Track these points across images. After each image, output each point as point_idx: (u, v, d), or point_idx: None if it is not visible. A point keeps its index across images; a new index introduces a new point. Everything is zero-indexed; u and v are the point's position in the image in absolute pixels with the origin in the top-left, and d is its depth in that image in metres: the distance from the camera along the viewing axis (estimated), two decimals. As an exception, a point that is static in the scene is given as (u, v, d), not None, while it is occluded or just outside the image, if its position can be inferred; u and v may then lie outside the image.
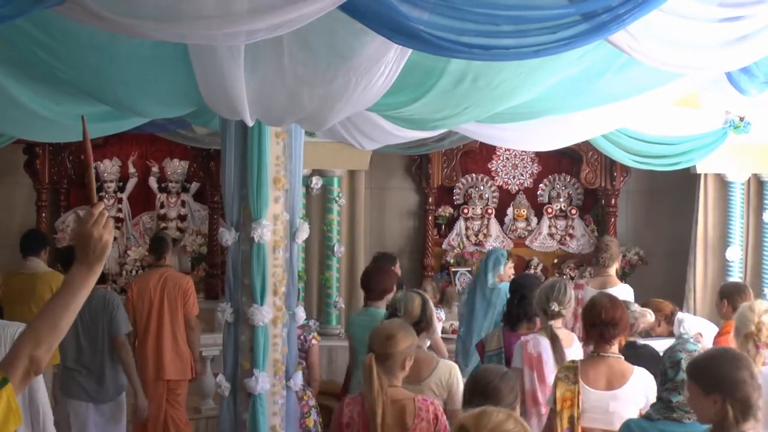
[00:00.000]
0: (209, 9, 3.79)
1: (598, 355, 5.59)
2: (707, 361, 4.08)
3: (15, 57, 5.10)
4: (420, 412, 4.87)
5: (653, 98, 6.34)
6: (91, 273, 3.12)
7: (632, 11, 3.98)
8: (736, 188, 11.19)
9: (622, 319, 5.64)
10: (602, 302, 5.67)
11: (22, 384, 3.07)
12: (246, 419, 6.29)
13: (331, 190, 11.33)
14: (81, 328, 7.50)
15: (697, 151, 10.21)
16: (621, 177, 12.09)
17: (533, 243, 12.47)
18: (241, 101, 5.35)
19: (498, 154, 12.59)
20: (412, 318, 6.00)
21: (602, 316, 5.56)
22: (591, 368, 5.53)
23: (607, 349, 5.57)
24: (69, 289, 3.12)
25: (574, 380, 5.46)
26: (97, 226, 3.09)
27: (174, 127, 9.31)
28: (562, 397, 5.46)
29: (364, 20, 4.03)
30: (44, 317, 3.10)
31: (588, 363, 5.59)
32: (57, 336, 3.09)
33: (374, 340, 5.03)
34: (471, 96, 5.52)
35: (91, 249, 3.09)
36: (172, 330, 8.73)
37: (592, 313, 5.62)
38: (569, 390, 5.46)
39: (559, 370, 5.58)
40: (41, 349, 3.06)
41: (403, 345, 4.99)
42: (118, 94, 5.61)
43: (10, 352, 3.08)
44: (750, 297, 7.21)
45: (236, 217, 6.36)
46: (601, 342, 5.58)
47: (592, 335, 5.61)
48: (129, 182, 12.48)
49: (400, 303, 6.16)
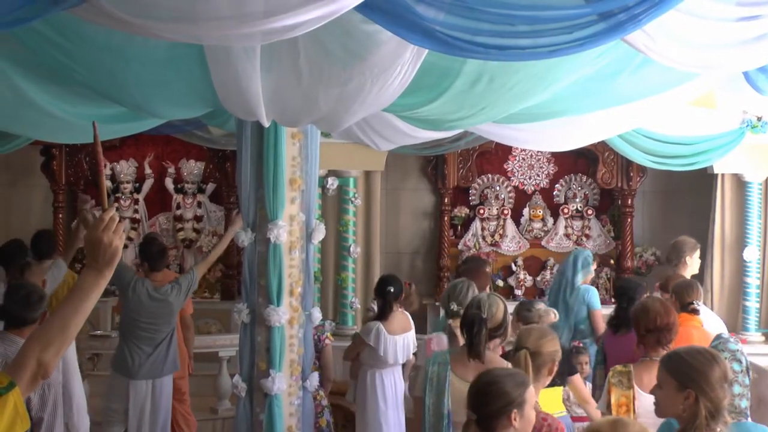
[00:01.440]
0: (224, 10, 3.78)
1: (651, 359, 5.53)
2: (687, 357, 4.07)
3: (32, 59, 5.13)
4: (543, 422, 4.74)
5: (669, 98, 6.32)
6: (100, 278, 3.12)
7: (649, 11, 3.96)
8: (753, 188, 11.14)
9: (676, 323, 5.66)
10: (656, 307, 5.67)
11: (30, 388, 3.07)
12: (262, 420, 6.30)
13: (346, 191, 11.34)
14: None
15: (714, 151, 10.16)
16: (637, 177, 12.05)
17: (549, 243, 12.44)
18: (256, 102, 5.35)
19: (514, 154, 12.56)
20: (495, 322, 5.74)
21: (657, 322, 5.57)
22: (645, 373, 5.44)
23: (661, 353, 5.50)
24: (78, 293, 3.11)
25: (629, 385, 5.41)
26: (108, 231, 3.08)
27: (190, 128, 9.34)
28: (617, 402, 5.38)
29: (380, 21, 4.02)
30: (53, 321, 3.10)
31: (642, 367, 5.51)
32: (65, 340, 3.08)
33: (529, 337, 5.04)
34: (487, 96, 5.51)
35: (101, 254, 3.09)
36: None
37: (648, 318, 5.61)
38: (624, 395, 5.40)
39: (612, 375, 5.49)
40: (49, 353, 3.05)
41: (553, 347, 5.05)
42: (134, 96, 5.62)
43: (18, 356, 3.08)
44: (699, 295, 7.23)
45: (252, 217, 6.37)
46: (657, 347, 5.56)
47: (649, 340, 5.59)
48: (145, 183, 12.52)
49: (484, 305, 5.76)
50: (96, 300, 3.13)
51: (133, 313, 7.98)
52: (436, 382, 5.69)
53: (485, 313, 5.67)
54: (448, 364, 5.62)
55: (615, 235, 12.32)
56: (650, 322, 5.59)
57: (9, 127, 7.22)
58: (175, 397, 8.76)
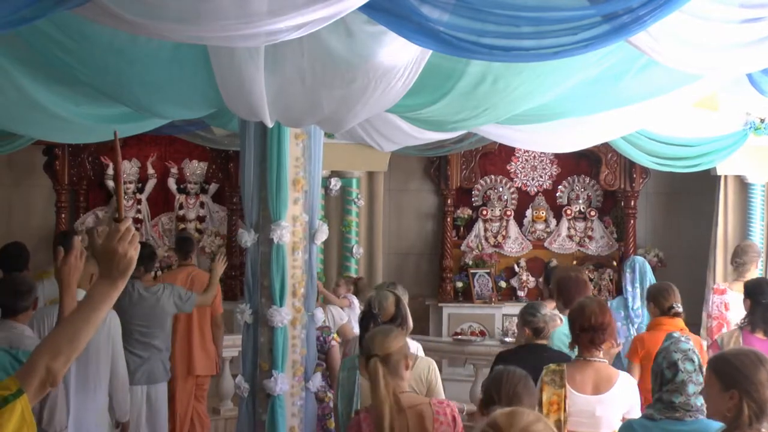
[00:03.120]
0: (227, 11, 3.78)
1: (585, 359, 5.54)
2: (732, 358, 4.09)
3: (35, 59, 5.13)
4: (438, 415, 4.83)
5: (673, 100, 6.32)
6: (113, 288, 3.10)
7: (653, 12, 3.96)
8: (756, 190, 11.15)
9: (611, 324, 5.62)
10: (591, 307, 5.62)
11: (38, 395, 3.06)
12: (265, 420, 6.30)
13: (349, 192, 11.35)
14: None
15: (717, 152, 10.15)
16: (640, 179, 12.05)
17: (552, 245, 12.44)
18: (260, 103, 5.36)
19: (517, 155, 12.57)
20: (387, 315, 6.05)
21: (592, 321, 5.51)
22: (578, 372, 5.48)
23: (594, 353, 5.53)
24: (90, 303, 3.10)
25: (561, 384, 5.42)
26: (123, 242, 3.07)
27: (193, 128, 9.35)
28: (548, 400, 5.39)
29: (384, 22, 4.02)
30: (64, 329, 3.10)
31: (574, 367, 5.52)
32: (75, 349, 3.07)
33: (373, 343, 4.93)
34: (491, 98, 5.51)
35: (115, 265, 3.07)
36: (200, 327, 9.01)
37: (582, 317, 5.58)
38: (555, 393, 5.41)
39: (544, 374, 5.51)
40: (59, 362, 3.04)
41: (398, 344, 4.94)
42: (137, 96, 5.62)
43: (27, 363, 3.07)
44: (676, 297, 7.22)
45: (255, 218, 6.37)
46: (590, 347, 5.54)
47: (582, 340, 5.58)
48: (148, 183, 12.51)
49: (375, 301, 6.17)
50: (107, 310, 3.12)
51: (126, 315, 7.93)
52: (347, 386, 5.90)
53: (376, 309, 6.03)
54: (356, 368, 5.69)
55: (618, 236, 12.33)
56: (585, 320, 5.55)
57: (12, 126, 7.22)
58: (196, 395, 9.01)
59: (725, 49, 4.67)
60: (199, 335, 9.02)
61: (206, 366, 9.10)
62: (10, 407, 2.96)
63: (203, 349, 9.04)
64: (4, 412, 2.95)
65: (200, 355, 9.02)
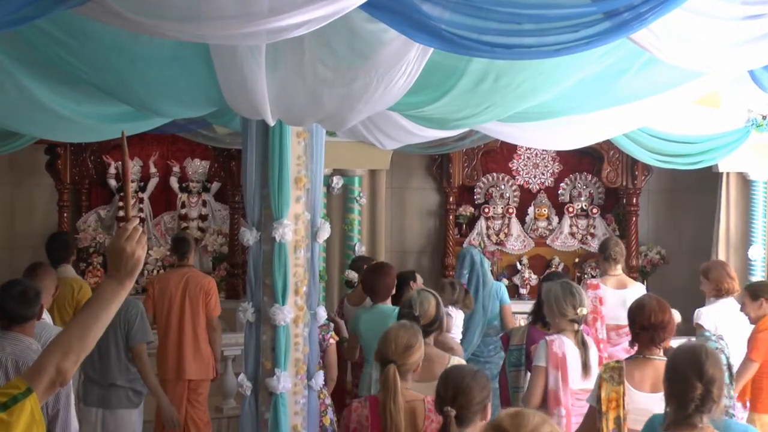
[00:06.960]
0: (229, 9, 3.79)
1: (644, 357, 5.52)
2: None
3: (37, 58, 5.13)
4: (430, 413, 4.84)
5: (674, 97, 6.32)
6: (121, 288, 3.12)
7: (654, 9, 3.96)
8: (758, 187, 11.14)
9: (671, 321, 5.61)
10: (651, 305, 5.59)
11: (47, 394, 3.07)
12: (268, 419, 6.30)
13: (352, 190, 11.35)
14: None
15: (719, 149, 10.14)
16: (642, 176, 12.03)
17: (554, 242, 12.44)
18: (262, 101, 5.36)
19: (519, 153, 12.56)
20: (428, 318, 5.90)
21: (652, 319, 5.50)
22: (637, 370, 5.45)
23: (654, 351, 5.50)
24: (99, 302, 3.12)
25: (619, 381, 5.40)
26: (131, 241, 3.09)
27: (195, 127, 9.33)
28: (607, 397, 5.37)
29: (386, 19, 4.03)
30: (73, 329, 3.11)
31: (633, 364, 5.49)
32: (84, 348, 3.09)
33: (393, 350, 4.91)
34: (492, 95, 5.51)
35: (123, 264, 3.09)
36: (193, 330, 8.66)
37: (642, 315, 5.56)
38: (614, 390, 5.39)
39: (603, 371, 5.48)
40: (69, 361, 3.06)
41: (420, 353, 4.98)
42: (139, 95, 5.63)
43: (37, 362, 3.08)
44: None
45: (257, 216, 6.37)
46: (650, 345, 5.53)
47: (642, 338, 5.56)
48: (150, 182, 12.51)
49: (416, 303, 5.97)
50: (116, 309, 3.14)
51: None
52: None
53: (417, 311, 5.88)
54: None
55: (620, 233, 12.30)
56: (645, 319, 5.54)
57: (14, 125, 7.22)
58: (189, 400, 8.68)
59: (727, 46, 4.68)
60: (192, 338, 8.64)
61: (199, 370, 8.70)
62: (20, 406, 2.97)
63: (196, 352, 8.66)
64: (14, 411, 2.96)
65: (192, 358, 8.64)
